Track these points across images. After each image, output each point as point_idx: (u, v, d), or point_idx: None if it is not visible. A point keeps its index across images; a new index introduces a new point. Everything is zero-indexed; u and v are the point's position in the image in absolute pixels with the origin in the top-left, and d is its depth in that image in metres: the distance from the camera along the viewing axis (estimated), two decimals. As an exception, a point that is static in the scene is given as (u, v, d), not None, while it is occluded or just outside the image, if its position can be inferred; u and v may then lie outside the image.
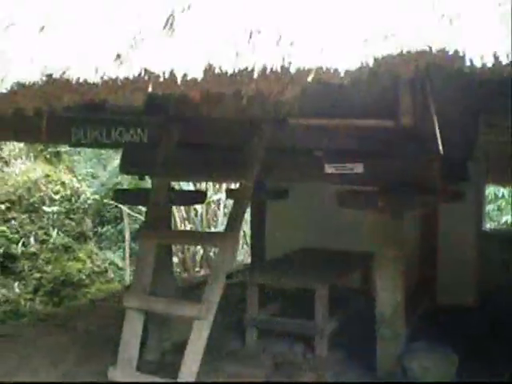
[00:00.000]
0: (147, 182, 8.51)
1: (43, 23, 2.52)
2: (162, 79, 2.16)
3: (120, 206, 11.88)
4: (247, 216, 8.10)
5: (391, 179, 4.71)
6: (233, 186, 9.05)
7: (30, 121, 4.48)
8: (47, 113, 3.04)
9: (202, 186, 11.18)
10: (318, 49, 1.99)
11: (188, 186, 10.34)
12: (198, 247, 11.71)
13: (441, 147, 3.28)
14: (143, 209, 12.11)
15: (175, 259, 10.36)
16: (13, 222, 9.13)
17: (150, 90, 2.23)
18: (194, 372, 3.98)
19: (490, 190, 12.71)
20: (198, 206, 11.81)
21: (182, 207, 11.45)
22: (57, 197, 9.75)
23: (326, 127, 4.62)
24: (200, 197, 6.90)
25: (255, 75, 2.05)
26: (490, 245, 7.72)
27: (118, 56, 2.21)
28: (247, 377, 5.22)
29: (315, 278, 5.84)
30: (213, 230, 11.72)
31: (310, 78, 2.00)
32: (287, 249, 7.25)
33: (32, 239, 9.23)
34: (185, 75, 2.13)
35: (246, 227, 10.04)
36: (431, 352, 4.94)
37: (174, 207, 9.57)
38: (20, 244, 9.09)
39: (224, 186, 10.99)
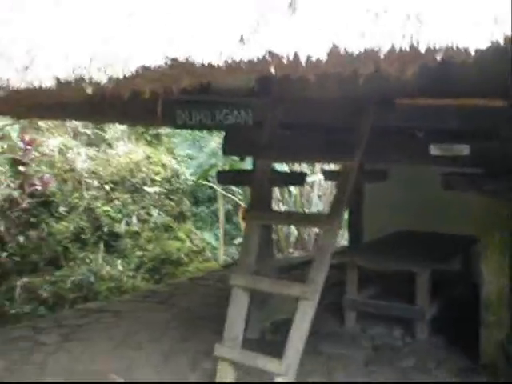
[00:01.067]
0: (244, 164, 8.63)
1: (165, 9, 2.58)
2: (285, 61, 2.18)
3: (214, 186, 12.09)
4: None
5: (498, 162, 4.57)
6: (328, 168, 9.04)
7: (139, 104, 4.64)
8: (162, 96, 3.11)
9: (296, 167, 11.20)
10: (446, 27, 1.96)
11: (282, 167, 10.39)
12: (292, 228, 11.78)
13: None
14: (236, 189, 12.37)
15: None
16: (116, 202, 9.45)
17: (272, 72, 2.25)
18: (299, 351, 4.02)
19: None
20: (292, 188, 11.84)
21: (276, 189, 11.50)
22: (157, 178, 10.05)
23: (433, 107, 4.53)
24: (300, 178, 6.91)
25: (381, 56, 2.04)
26: None
27: (242, 38, 2.24)
28: (346, 358, 5.25)
29: (417, 262, 5.77)
30: (307, 211, 11.72)
31: (438, 57, 1.97)
32: (385, 231, 7.17)
33: (134, 218, 9.55)
34: (308, 57, 2.13)
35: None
36: (538, 339, 4.81)
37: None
38: (123, 223, 9.42)
39: (319, 167, 10.98)
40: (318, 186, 12.01)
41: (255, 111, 5.00)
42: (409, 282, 5.71)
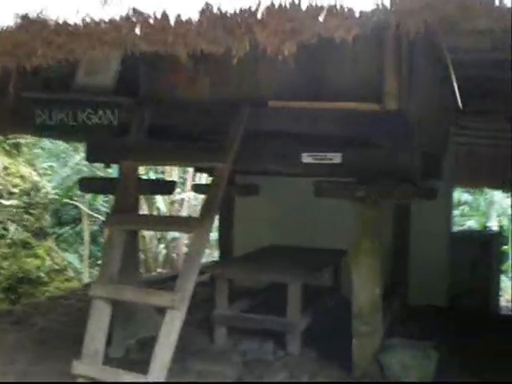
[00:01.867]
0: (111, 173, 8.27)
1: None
2: (152, 21, 1.93)
3: (79, 206, 11.62)
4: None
5: (369, 169, 4.54)
6: (199, 182, 8.87)
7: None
8: (15, 73, 2.77)
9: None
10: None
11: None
12: (161, 247, 11.54)
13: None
14: (103, 209, 11.94)
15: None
16: (-32, 215, 8.76)
17: (138, 33, 1.98)
18: (166, 364, 3.73)
19: (454, 195, 12.74)
20: (161, 205, 11.60)
21: (145, 206, 11.21)
22: (16, 190, 9.38)
23: (306, 111, 4.43)
24: (169, 186, 6.57)
25: (258, 15, 1.84)
26: (459, 246, 7.63)
27: (103, -4, 1.97)
28: (217, 375, 5.00)
29: (287, 273, 5.65)
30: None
31: (321, 18, 1.80)
32: (256, 246, 7.05)
33: (-12, 234, 8.87)
34: (178, 16, 1.90)
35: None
36: (410, 348, 4.78)
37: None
38: (-24, 239, 8.71)
39: (189, 184, 10.85)
40: (187, 204, 11.84)
41: (121, 111, 4.70)
42: (283, 295, 5.56)
